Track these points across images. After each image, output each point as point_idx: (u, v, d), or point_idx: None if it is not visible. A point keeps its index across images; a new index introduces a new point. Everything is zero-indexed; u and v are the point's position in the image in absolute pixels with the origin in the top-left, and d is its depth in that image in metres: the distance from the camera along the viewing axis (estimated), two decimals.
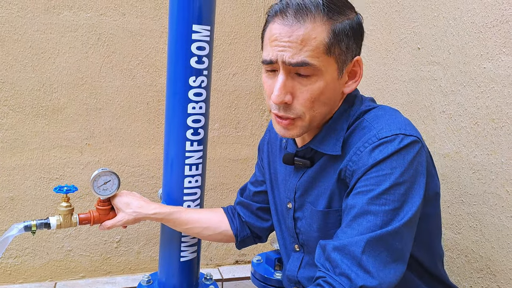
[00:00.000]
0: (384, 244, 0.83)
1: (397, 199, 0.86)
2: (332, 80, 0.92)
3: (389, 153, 0.87)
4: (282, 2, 0.92)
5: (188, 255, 1.38)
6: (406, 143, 0.88)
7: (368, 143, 0.90)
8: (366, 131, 0.93)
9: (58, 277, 2.01)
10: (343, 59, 0.92)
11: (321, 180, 1.01)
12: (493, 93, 1.15)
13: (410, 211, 0.86)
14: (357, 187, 0.89)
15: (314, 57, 0.88)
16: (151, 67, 1.96)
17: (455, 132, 1.28)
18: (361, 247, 0.83)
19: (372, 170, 0.87)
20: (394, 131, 0.89)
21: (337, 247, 0.86)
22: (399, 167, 0.86)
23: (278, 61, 0.90)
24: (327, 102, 0.94)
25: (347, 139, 0.96)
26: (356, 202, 0.87)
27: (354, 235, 0.85)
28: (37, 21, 1.81)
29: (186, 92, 1.28)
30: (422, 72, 1.40)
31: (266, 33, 0.95)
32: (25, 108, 1.85)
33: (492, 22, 1.14)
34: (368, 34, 1.67)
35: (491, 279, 1.19)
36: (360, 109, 0.98)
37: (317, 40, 0.88)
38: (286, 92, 0.91)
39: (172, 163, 1.33)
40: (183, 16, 1.24)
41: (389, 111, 0.97)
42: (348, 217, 0.88)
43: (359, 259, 0.82)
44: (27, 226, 1.20)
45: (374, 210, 0.85)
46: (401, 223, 0.85)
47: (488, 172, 1.17)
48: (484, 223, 1.20)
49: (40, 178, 1.91)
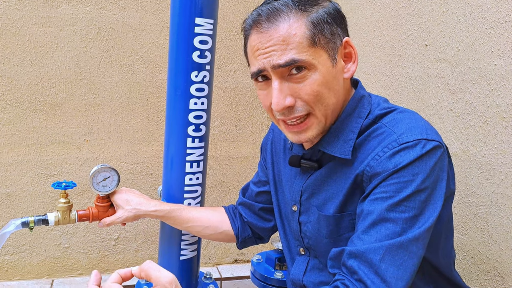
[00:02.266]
0: (403, 252, 0.81)
1: (417, 206, 0.83)
2: (327, 70, 0.89)
3: (411, 159, 0.84)
4: (253, 14, 0.91)
5: (188, 253, 1.36)
6: (428, 148, 0.85)
7: (388, 148, 0.87)
8: (386, 136, 0.89)
9: (55, 274, 1.99)
10: (331, 46, 0.90)
11: (330, 184, 0.97)
12: (504, 91, 1.12)
13: (431, 218, 0.84)
14: (376, 193, 0.86)
15: (301, 53, 0.86)
16: (151, 62, 1.93)
17: (463, 131, 1.25)
18: (380, 255, 0.81)
19: (393, 176, 0.85)
20: (416, 136, 0.86)
21: (354, 253, 0.83)
22: (421, 173, 0.84)
23: (266, 68, 0.88)
24: (331, 93, 0.91)
25: (361, 143, 0.93)
26: (375, 208, 0.84)
27: (372, 242, 0.83)
28: (35, 14, 1.78)
29: (188, 87, 1.25)
30: (429, 69, 1.37)
31: (247, 48, 0.95)
32: (22, 103, 1.82)
33: (504, 18, 1.11)
34: (373, 30, 1.65)
35: (498, 281, 1.16)
36: (375, 112, 0.95)
37: (298, 36, 0.86)
38: (285, 96, 0.88)
39: (172, 160, 1.31)
40: (186, 8, 1.22)
41: (408, 114, 0.93)
42: (365, 223, 0.85)
43: (377, 267, 0.81)
44: (25, 222, 1.18)
45: (394, 217, 0.83)
46: (421, 231, 0.83)
47: (497, 172, 1.15)
48: (492, 224, 1.17)
49: (38, 174, 1.89)
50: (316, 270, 1.05)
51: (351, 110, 0.95)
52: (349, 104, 0.96)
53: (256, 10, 0.91)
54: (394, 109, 0.95)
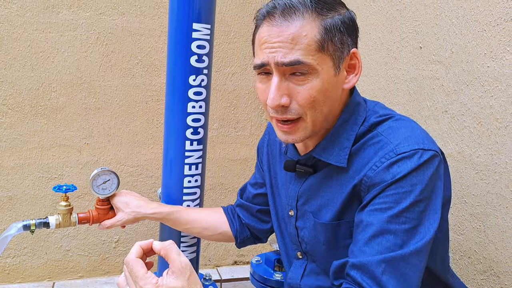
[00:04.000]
0: (404, 265, 0.81)
1: (417, 217, 0.83)
2: (328, 78, 0.88)
3: (409, 170, 0.84)
4: (268, 5, 0.89)
5: (187, 255, 1.37)
6: (425, 158, 0.85)
7: (386, 158, 0.86)
8: (382, 145, 0.89)
9: (56, 277, 2.00)
10: (338, 55, 0.88)
11: (325, 191, 0.97)
12: (497, 92, 1.14)
13: (432, 229, 0.84)
14: (374, 203, 0.85)
15: (307, 55, 0.85)
16: (150, 66, 1.95)
17: (457, 132, 1.27)
18: (382, 268, 0.81)
19: (391, 187, 0.84)
20: (413, 146, 0.86)
21: (356, 265, 0.83)
22: (420, 184, 0.84)
23: (270, 63, 0.87)
24: (327, 101, 0.90)
25: (357, 151, 0.92)
26: (374, 220, 0.84)
27: (374, 254, 0.82)
28: (36, 20, 1.80)
29: (186, 91, 1.27)
30: (424, 71, 1.38)
31: (256, 38, 0.92)
32: (24, 107, 1.84)
33: (496, 21, 1.13)
34: (369, 33, 1.66)
35: (494, 281, 1.17)
36: (370, 120, 0.94)
37: (308, 37, 0.85)
38: (282, 95, 0.87)
39: (171, 162, 1.32)
40: (183, 14, 1.23)
41: (404, 122, 0.92)
42: (366, 235, 0.84)
43: (379, 280, 0.81)
44: (26, 225, 1.19)
45: (394, 229, 0.83)
46: (423, 243, 0.83)
47: (492, 172, 1.16)
48: (488, 224, 1.18)
49: (39, 178, 1.90)
50: (313, 274, 1.05)
51: (347, 117, 0.95)
52: (345, 111, 0.95)
53: (273, 1, 0.89)
54: (390, 117, 0.94)
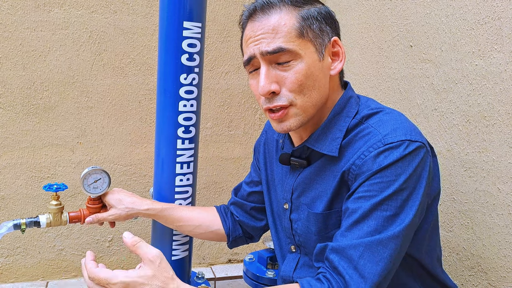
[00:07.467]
0: (382, 249, 0.84)
1: (399, 205, 0.86)
2: (313, 62, 0.93)
3: (394, 159, 0.87)
4: (249, 8, 0.98)
5: (180, 253, 1.38)
6: (411, 149, 0.88)
7: (373, 147, 0.89)
8: (371, 136, 0.92)
9: (50, 276, 2.00)
10: (319, 42, 0.95)
11: (318, 182, 1.00)
12: (484, 90, 1.15)
13: (409, 215, 0.87)
14: (359, 192, 0.89)
15: (288, 42, 0.91)
16: (143, 65, 1.95)
17: (447, 130, 1.28)
18: (359, 251, 0.84)
19: (376, 176, 0.87)
20: (400, 137, 0.89)
21: (335, 249, 0.87)
22: (404, 173, 0.87)
23: (256, 54, 0.93)
24: (315, 86, 0.94)
25: (348, 142, 0.96)
26: (358, 207, 0.87)
27: (353, 239, 0.86)
28: (27, 18, 1.79)
29: (177, 89, 1.27)
30: (415, 70, 1.39)
31: (243, 39, 1.00)
32: (15, 107, 1.84)
33: (484, 19, 1.14)
34: (360, 32, 1.67)
35: (482, 277, 1.19)
36: (362, 113, 0.98)
37: (287, 26, 0.92)
38: (271, 82, 0.93)
39: (163, 161, 1.33)
40: (174, 12, 1.24)
41: (394, 115, 0.96)
42: (349, 221, 0.88)
43: (356, 263, 0.84)
44: (17, 224, 1.19)
45: (376, 215, 0.86)
46: (401, 228, 0.85)
47: (480, 169, 1.17)
48: (476, 221, 1.20)
49: (31, 177, 1.90)
50: (306, 267, 1.07)
51: (339, 110, 0.99)
52: (338, 103, 0.99)
53: (252, 4, 0.97)
54: (380, 110, 0.97)
